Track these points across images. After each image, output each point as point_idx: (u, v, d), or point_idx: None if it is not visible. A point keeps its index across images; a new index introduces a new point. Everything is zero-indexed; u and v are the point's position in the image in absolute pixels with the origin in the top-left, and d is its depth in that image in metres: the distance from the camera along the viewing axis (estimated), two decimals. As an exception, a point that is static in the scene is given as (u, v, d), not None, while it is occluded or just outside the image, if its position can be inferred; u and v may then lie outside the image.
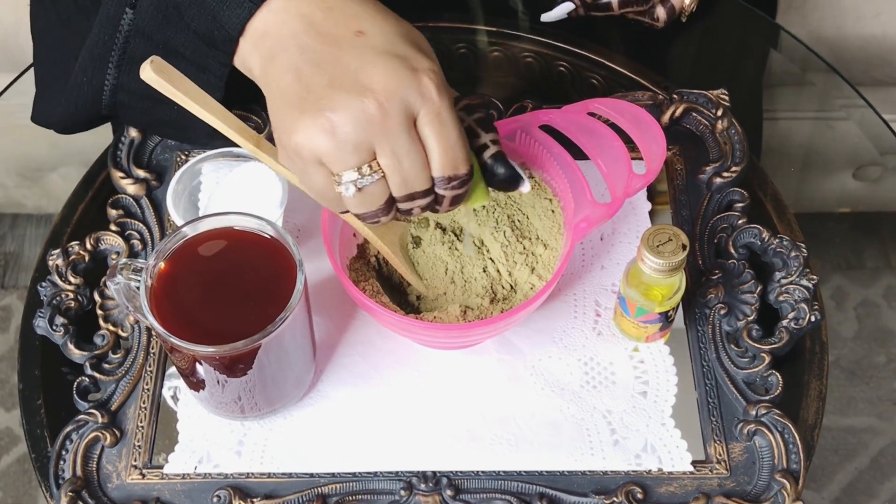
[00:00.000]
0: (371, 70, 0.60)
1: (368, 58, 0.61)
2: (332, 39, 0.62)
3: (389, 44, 0.62)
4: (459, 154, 0.63)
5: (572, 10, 0.87)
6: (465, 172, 0.63)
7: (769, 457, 0.72)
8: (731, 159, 0.85)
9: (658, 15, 0.88)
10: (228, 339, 0.64)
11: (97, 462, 0.73)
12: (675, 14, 0.88)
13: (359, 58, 0.61)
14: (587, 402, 0.75)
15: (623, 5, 0.87)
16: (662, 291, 0.72)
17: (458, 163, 0.63)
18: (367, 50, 0.61)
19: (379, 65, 0.60)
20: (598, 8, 0.87)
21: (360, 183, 0.62)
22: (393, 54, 0.61)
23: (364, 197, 0.63)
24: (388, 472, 0.72)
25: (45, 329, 0.77)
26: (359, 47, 0.61)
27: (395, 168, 0.62)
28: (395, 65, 0.61)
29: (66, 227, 0.86)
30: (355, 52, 0.61)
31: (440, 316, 0.73)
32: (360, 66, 0.61)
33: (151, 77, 0.64)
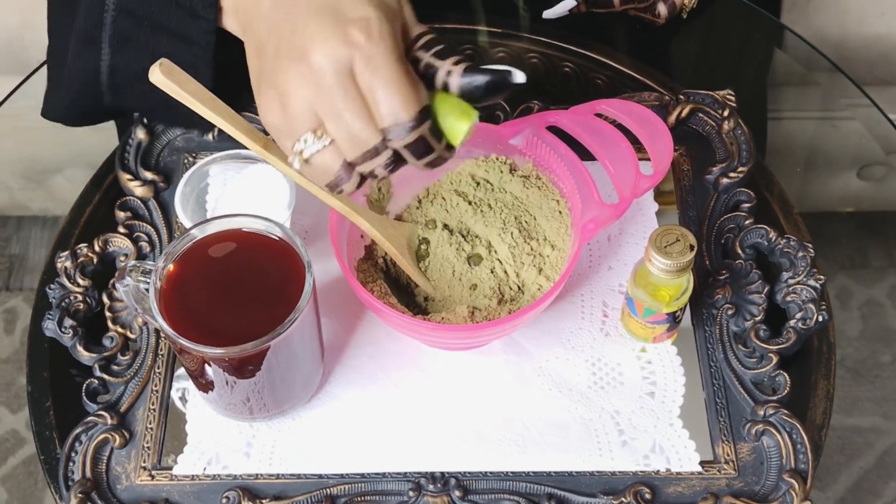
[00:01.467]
0: (303, 30, 0.59)
1: (303, 19, 0.59)
2: (283, 4, 0.61)
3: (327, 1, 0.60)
4: (398, 96, 0.59)
5: (574, 6, 0.87)
6: (409, 118, 0.59)
7: (777, 457, 0.72)
8: (738, 160, 0.85)
9: (659, 11, 0.88)
10: (237, 340, 0.64)
11: (106, 463, 0.73)
12: (675, 10, 0.88)
13: (295, 20, 0.60)
14: (595, 403, 0.75)
15: (624, 2, 0.87)
16: (670, 292, 0.73)
17: (396, 109, 0.59)
18: (303, 11, 0.60)
19: (310, 24, 0.59)
20: (600, 4, 0.87)
21: (307, 152, 0.61)
22: (326, 10, 0.59)
23: (315, 167, 0.61)
24: (396, 472, 0.72)
25: (54, 331, 0.77)
26: (300, 7, 0.60)
27: (339, 128, 0.59)
28: (324, 20, 0.59)
29: (74, 229, 0.86)
30: (295, 13, 0.60)
31: (448, 317, 0.73)
32: (295, 30, 0.59)
33: (160, 80, 0.64)
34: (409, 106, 0.59)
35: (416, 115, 0.60)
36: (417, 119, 0.60)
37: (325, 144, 0.60)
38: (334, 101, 0.59)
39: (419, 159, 0.61)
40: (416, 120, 0.60)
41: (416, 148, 0.61)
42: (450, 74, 0.61)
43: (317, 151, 0.61)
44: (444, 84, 0.61)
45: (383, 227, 0.73)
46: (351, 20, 0.59)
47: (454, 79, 0.61)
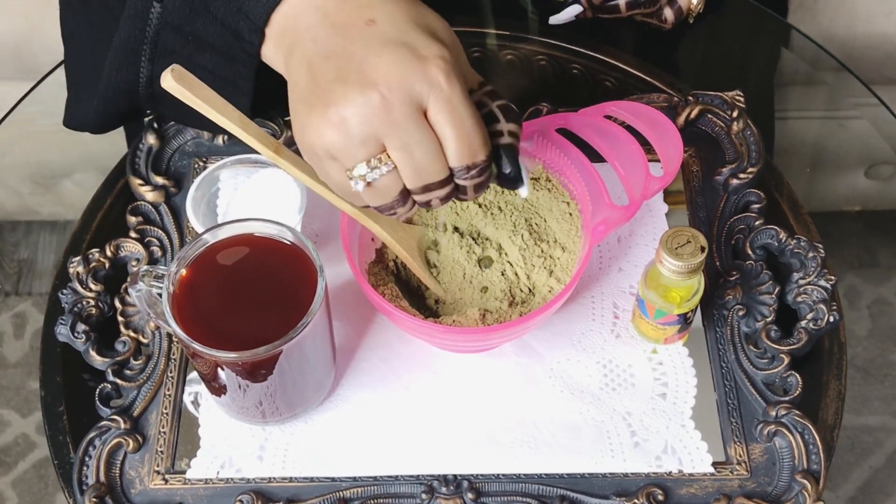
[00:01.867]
0: (376, 61, 0.59)
1: (375, 48, 0.60)
2: (343, 30, 0.61)
3: (398, 32, 0.60)
4: (476, 140, 0.61)
5: (580, 12, 0.87)
6: (484, 159, 0.62)
7: (789, 457, 0.72)
8: (748, 160, 0.85)
9: (665, 16, 0.88)
10: (250, 344, 0.64)
11: (120, 468, 0.73)
12: (682, 15, 0.88)
13: (365, 48, 0.60)
14: (607, 405, 0.75)
15: (631, 7, 0.87)
16: (681, 293, 0.73)
17: (474, 150, 0.61)
18: (374, 40, 0.60)
19: (384, 55, 0.59)
20: (606, 10, 0.87)
21: (370, 177, 0.61)
22: (400, 43, 0.60)
23: (375, 190, 0.62)
24: (408, 475, 0.72)
25: (67, 336, 0.78)
26: (368, 37, 0.60)
27: (406, 160, 0.60)
28: (401, 54, 0.59)
29: (86, 233, 0.86)
30: (363, 42, 0.60)
31: (459, 320, 0.73)
32: (366, 58, 0.60)
33: (172, 85, 0.64)
34: (484, 148, 0.61)
35: (488, 155, 0.62)
36: (489, 159, 0.62)
37: (389, 170, 0.61)
38: (405, 134, 0.60)
39: (477, 193, 0.64)
40: (488, 160, 0.62)
41: (481, 185, 0.63)
42: (501, 136, 0.63)
43: (380, 176, 0.62)
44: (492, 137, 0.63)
45: (393, 230, 0.73)
46: (428, 57, 0.60)
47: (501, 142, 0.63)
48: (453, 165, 0.61)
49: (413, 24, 0.61)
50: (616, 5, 0.86)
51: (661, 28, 0.89)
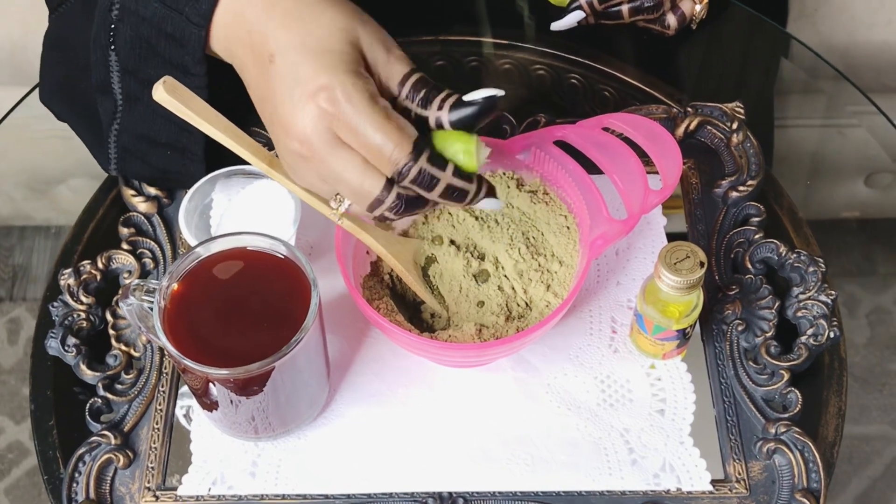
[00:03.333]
0: (282, 110, 0.63)
1: (279, 96, 0.63)
2: (260, 71, 0.65)
3: (289, 67, 0.62)
4: (388, 145, 0.61)
5: (582, 18, 0.86)
6: (405, 156, 0.61)
7: (789, 476, 0.72)
8: (747, 173, 0.85)
9: (669, 23, 0.87)
10: (242, 360, 0.64)
11: (110, 484, 0.73)
12: (685, 22, 0.87)
13: (273, 97, 0.63)
14: (604, 421, 0.74)
15: (633, 13, 0.86)
16: (680, 309, 0.72)
17: (390, 153, 0.61)
18: (277, 83, 0.63)
19: (285, 103, 0.62)
20: (609, 16, 0.86)
21: (342, 209, 0.65)
22: (292, 82, 0.62)
23: (355, 214, 0.66)
24: (403, 492, 0.72)
25: (58, 350, 0.77)
26: (273, 80, 0.63)
27: (346, 189, 0.63)
28: (294, 97, 0.62)
29: (77, 245, 0.85)
30: (271, 89, 0.63)
31: (455, 335, 0.73)
32: (275, 108, 0.63)
33: (164, 97, 0.63)
34: (401, 146, 0.61)
35: (410, 151, 0.62)
36: (413, 154, 0.62)
37: (350, 203, 0.65)
38: (331, 167, 0.62)
39: (430, 191, 0.63)
40: (411, 155, 0.62)
41: (422, 181, 0.62)
42: (440, 114, 0.64)
43: (348, 206, 0.65)
44: (438, 125, 0.64)
45: (389, 243, 0.73)
46: (313, 91, 0.61)
47: (444, 119, 0.63)
48: (389, 175, 0.62)
49: (303, 52, 0.63)
50: (619, 11, 0.85)
51: (664, 34, 0.88)
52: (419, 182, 0.62)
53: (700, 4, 0.87)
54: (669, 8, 0.86)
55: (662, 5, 0.85)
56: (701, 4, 0.87)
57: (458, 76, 0.96)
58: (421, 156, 0.62)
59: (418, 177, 0.62)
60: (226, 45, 0.68)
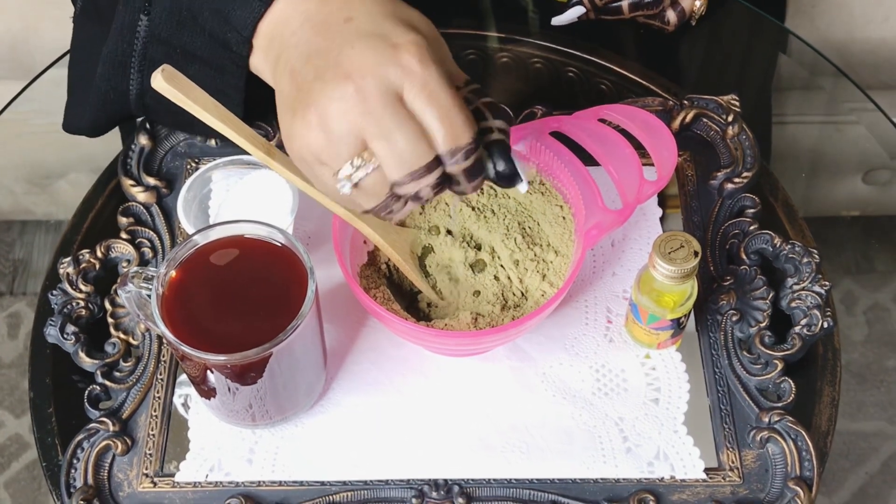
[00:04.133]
0: (350, 52, 0.59)
1: (349, 41, 0.59)
2: (323, 30, 0.61)
3: (375, 25, 0.60)
4: (457, 121, 0.59)
5: (583, 13, 0.86)
6: (469, 141, 0.59)
7: (782, 464, 0.72)
8: (743, 165, 0.85)
9: (668, 18, 0.88)
10: (240, 347, 0.64)
11: (108, 470, 0.73)
12: (685, 17, 0.88)
13: (340, 44, 0.59)
14: (599, 410, 0.74)
15: (633, 9, 0.86)
16: (674, 298, 0.72)
17: (457, 132, 0.59)
18: (349, 34, 0.60)
19: (357, 46, 0.59)
20: (609, 12, 0.87)
21: (356, 177, 0.60)
22: (374, 34, 0.59)
23: (363, 191, 0.61)
24: (399, 479, 0.72)
25: (56, 337, 0.77)
26: (344, 33, 0.60)
27: (387, 149, 0.59)
28: (373, 43, 0.59)
29: (77, 234, 0.86)
30: (339, 38, 0.60)
31: (451, 323, 0.73)
32: (340, 52, 0.59)
33: (162, 86, 0.64)
34: (468, 130, 0.60)
35: (474, 138, 0.60)
36: (475, 142, 0.60)
37: (374, 167, 0.60)
38: (383, 122, 0.58)
39: (471, 182, 0.61)
40: (474, 143, 0.60)
41: (472, 171, 0.61)
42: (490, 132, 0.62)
43: (366, 175, 0.60)
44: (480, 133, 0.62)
45: (386, 232, 0.73)
46: (400, 44, 0.59)
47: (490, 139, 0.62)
48: (438, 151, 0.60)
49: (390, 17, 0.60)
50: (619, 7, 0.86)
51: (664, 30, 0.89)
52: (468, 171, 0.60)
53: (699, 0, 0.87)
54: (669, 4, 0.87)
55: (662, 1, 0.85)
56: (700, 0, 0.87)
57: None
58: (479, 146, 0.60)
59: (472, 166, 0.60)
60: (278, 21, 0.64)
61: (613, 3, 0.86)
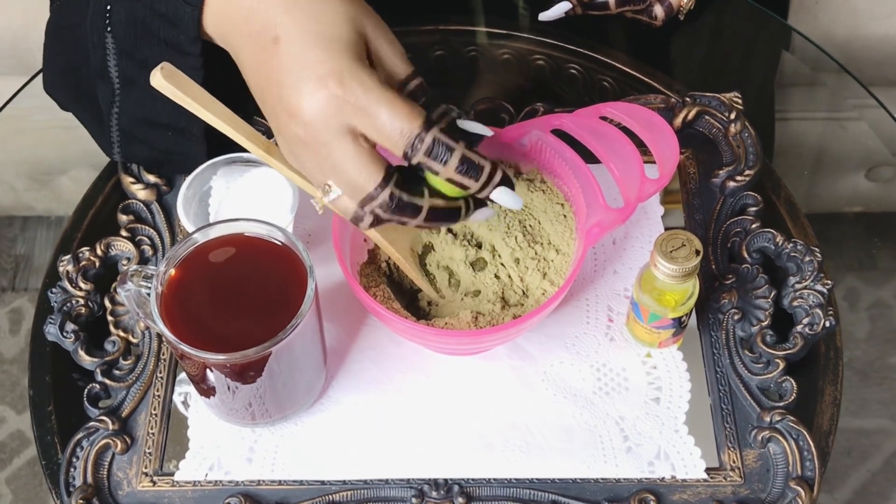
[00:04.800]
0: (288, 93, 0.62)
1: (284, 80, 0.62)
2: (260, 54, 0.64)
3: (298, 52, 0.62)
4: (401, 117, 0.61)
5: (569, 9, 0.86)
6: (417, 130, 0.61)
7: (784, 464, 0.72)
8: (745, 163, 0.85)
9: (656, 13, 0.87)
10: (239, 346, 0.64)
11: (108, 469, 0.73)
12: (672, 12, 0.87)
13: (278, 80, 0.62)
14: (600, 409, 0.74)
15: (620, 4, 0.86)
16: (676, 297, 0.72)
17: (404, 125, 0.61)
18: (282, 69, 0.62)
19: (291, 87, 0.62)
20: (595, 7, 0.86)
21: (326, 200, 0.64)
22: (302, 67, 0.61)
23: (337, 209, 0.65)
24: (399, 479, 0.72)
25: (56, 335, 0.77)
26: (278, 64, 0.62)
27: (340, 179, 0.63)
28: (302, 81, 0.61)
29: (77, 232, 0.85)
30: (276, 68, 0.62)
31: (451, 322, 0.73)
32: (280, 91, 0.62)
33: (161, 83, 0.63)
34: (412, 117, 0.61)
35: (422, 122, 0.61)
36: (425, 125, 0.61)
37: (340, 193, 0.64)
38: (332, 156, 0.62)
39: (445, 164, 0.62)
40: (423, 125, 0.61)
41: (437, 152, 0.62)
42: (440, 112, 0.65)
43: (333, 200, 0.64)
44: None
45: (386, 231, 0.73)
46: (324, 76, 0.61)
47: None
48: (401, 153, 0.62)
49: (311, 37, 0.62)
50: (605, 2, 0.85)
51: (652, 25, 0.88)
52: (433, 153, 0.62)
53: None
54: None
55: None
56: None
57: (457, 66, 0.96)
58: (433, 126, 0.62)
59: (433, 146, 0.61)
60: (219, 28, 0.67)
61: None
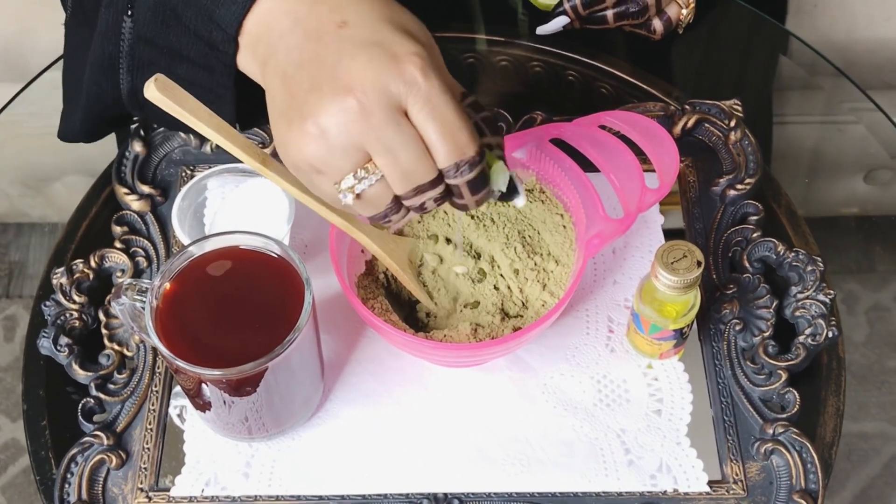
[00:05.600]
0: (349, 64, 0.57)
1: (347, 51, 0.58)
2: (316, 35, 0.59)
3: (372, 32, 0.58)
4: (461, 135, 0.58)
5: (567, 23, 0.86)
6: (473, 154, 0.59)
7: (787, 476, 0.71)
8: (745, 171, 0.84)
9: (655, 27, 0.87)
10: (235, 361, 0.63)
11: (103, 485, 0.72)
12: (671, 26, 0.87)
13: (338, 52, 0.58)
14: (601, 421, 0.74)
15: (619, 18, 0.85)
16: (677, 308, 0.71)
17: (460, 145, 0.58)
18: (346, 43, 0.58)
19: (358, 57, 0.57)
20: (594, 21, 0.86)
21: (359, 188, 0.59)
22: (373, 43, 0.58)
23: (365, 201, 0.60)
24: (398, 493, 0.71)
25: (50, 349, 0.76)
26: (340, 40, 0.58)
27: (392, 164, 0.58)
28: (374, 54, 0.57)
29: (70, 243, 0.84)
30: (336, 45, 0.58)
31: (450, 335, 0.72)
32: (339, 62, 0.58)
33: (155, 96, 0.63)
34: (472, 143, 0.59)
35: (477, 151, 0.59)
36: (479, 155, 0.59)
37: (377, 178, 0.59)
38: (386, 137, 0.57)
39: (475, 195, 0.61)
40: (479, 155, 0.59)
41: (475, 184, 0.60)
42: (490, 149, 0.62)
43: (369, 186, 0.59)
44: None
45: (384, 242, 0.72)
46: (402, 56, 0.57)
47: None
48: (442, 166, 0.59)
49: (387, 23, 0.59)
50: (603, 16, 0.85)
51: (650, 39, 0.88)
52: (473, 184, 0.60)
53: (686, 9, 0.86)
54: (655, 13, 0.85)
55: (647, 10, 0.85)
56: (687, 9, 0.86)
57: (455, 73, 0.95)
58: (483, 159, 0.60)
59: (476, 178, 0.60)
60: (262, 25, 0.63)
61: (598, 13, 0.85)
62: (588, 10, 0.84)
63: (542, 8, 0.88)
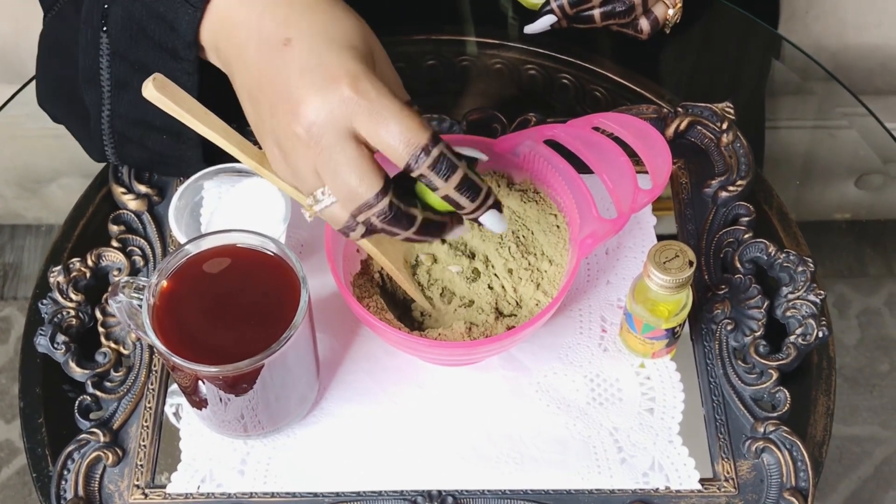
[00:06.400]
0: (295, 92, 0.61)
1: (293, 78, 0.61)
2: (267, 54, 0.63)
3: (310, 54, 0.61)
4: (408, 127, 0.60)
5: (555, 22, 0.86)
6: (426, 141, 0.60)
7: (777, 474, 0.72)
8: (737, 173, 0.85)
9: (641, 27, 0.87)
10: (231, 358, 0.64)
11: (99, 482, 0.72)
12: (658, 26, 0.87)
13: (286, 78, 0.61)
14: (594, 419, 0.74)
15: (605, 18, 0.86)
16: (669, 308, 0.72)
17: (410, 136, 0.60)
18: (291, 66, 0.61)
19: (300, 85, 0.61)
20: (581, 20, 0.86)
21: (318, 207, 0.63)
22: (313, 67, 0.61)
23: (327, 218, 0.64)
24: (392, 491, 0.72)
25: (47, 347, 0.77)
26: (285, 63, 0.61)
27: (339, 185, 0.61)
28: (315, 79, 0.60)
29: (67, 242, 0.85)
30: (283, 69, 0.61)
31: (445, 333, 0.73)
32: (287, 89, 0.61)
33: (154, 95, 0.63)
34: (422, 130, 0.60)
35: (431, 135, 0.61)
36: (433, 139, 0.61)
37: (333, 201, 0.63)
38: (332, 159, 0.61)
39: (447, 179, 0.62)
40: (432, 139, 0.61)
41: (441, 168, 0.61)
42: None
43: (325, 207, 0.63)
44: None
45: (379, 241, 0.73)
46: (339, 77, 0.60)
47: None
48: (402, 164, 0.61)
49: (325, 41, 0.62)
50: (590, 16, 0.86)
51: (637, 38, 0.89)
52: (437, 168, 0.61)
53: (673, 9, 0.87)
54: (642, 12, 0.86)
55: (634, 10, 0.85)
56: (674, 9, 0.87)
57: (449, 76, 0.96)
58: (440, 142, 0.61)
59: (438, 161, 0.61)
60: (219, 32, 0.66)
61: (585, 12, 0.86)
62: (575, 9, 0.85)
63: (529, 7, 0.89)
